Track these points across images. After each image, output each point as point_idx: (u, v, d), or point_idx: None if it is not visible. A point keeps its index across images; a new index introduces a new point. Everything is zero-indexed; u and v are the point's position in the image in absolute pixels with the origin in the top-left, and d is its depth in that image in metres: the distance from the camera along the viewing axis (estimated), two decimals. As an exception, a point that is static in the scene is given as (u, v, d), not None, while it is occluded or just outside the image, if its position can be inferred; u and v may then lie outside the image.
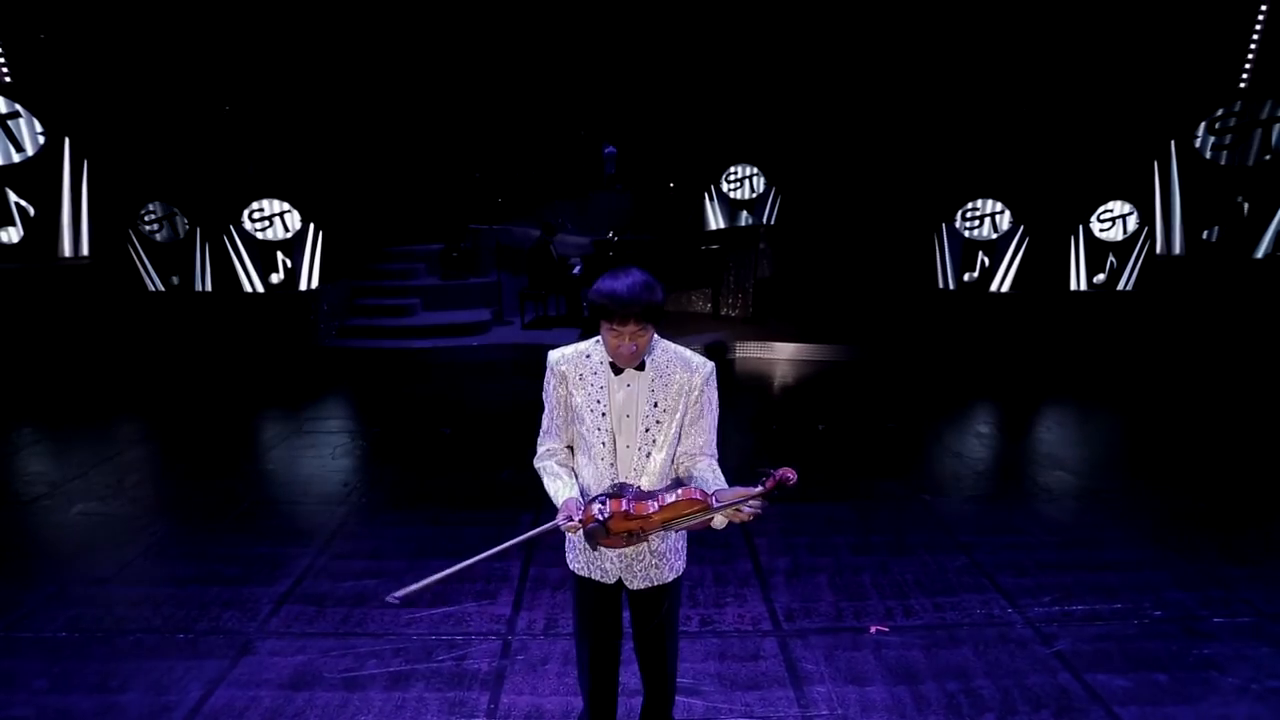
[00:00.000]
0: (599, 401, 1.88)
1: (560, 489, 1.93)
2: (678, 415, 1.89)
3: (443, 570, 1.78)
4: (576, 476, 1.97)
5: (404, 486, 4.75)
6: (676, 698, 2.67)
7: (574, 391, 1.91)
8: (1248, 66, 8.71)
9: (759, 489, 1.64)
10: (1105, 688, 2.77)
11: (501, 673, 2.86)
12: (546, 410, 1.99)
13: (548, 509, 1.86)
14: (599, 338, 1.90)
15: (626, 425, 1.88)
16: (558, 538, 1.97)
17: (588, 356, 1.91)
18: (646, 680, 2.19)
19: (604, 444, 1.89)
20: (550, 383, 1.95)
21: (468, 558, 1.81)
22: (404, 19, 10.16)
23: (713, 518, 1.72)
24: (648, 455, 1.88)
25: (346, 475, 4.91)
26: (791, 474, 1.61)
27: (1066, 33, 8.98)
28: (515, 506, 4.30)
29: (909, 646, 3.03)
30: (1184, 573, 3.62)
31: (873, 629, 3.15)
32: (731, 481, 1.86)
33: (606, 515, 1.72)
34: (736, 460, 5.12)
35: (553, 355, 1.96)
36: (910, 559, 3.77)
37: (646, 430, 1.87)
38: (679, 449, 1.93)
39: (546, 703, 2.70)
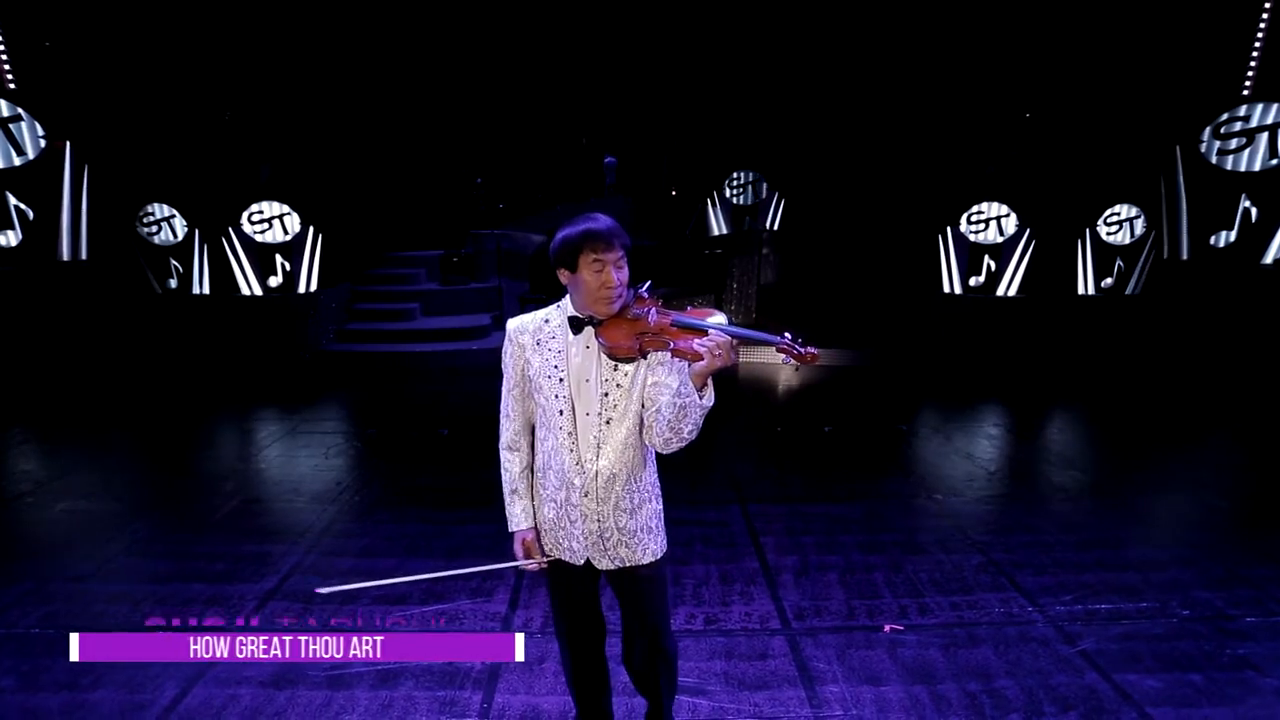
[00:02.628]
0: (556, 367, 1.78)
1: (516, 512, 1.88)
2: (640, 379, 1.77)
3: (385, 580, 1.67)
4: (534, 462, 1.89)
5: (398, 486, 4.61)
6: (681, 698, 2.52)
7: (531, 359, 1.80)
8: (1251, 71, 8.67)
9: (783, 339, 1.59)
10: (1136, 688, 2.61)
11: (495, 671, 2.71)
12: (504, 385, 1.88)
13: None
14: (560, 303, 1.83)
15: (585, 390, 1.76)
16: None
17: (546, 321, 1.82)
18: (634, 680, 2.01)
19: (561, 412, 1.77)
20: (507, 351, 1.85)
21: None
22: (406, 24, 10.20)
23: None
24: (608, 422, 1.76)
25: (340, 475, 4.78)
26: (816, 352, 1.61)
27: (1071, 38, 8.96)
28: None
29: (926, 646, 2.88)
30: (1210, 572, 3.46)
31: (887, 628, 3.00)
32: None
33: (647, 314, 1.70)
34: (739, 461, 5.04)
35: (511, 323, 1.86)
36: (924, 558, 3.62)
37: (606, 395, 1.76)
38: (655, 402, 1.76)
39: (543, 703, 2.55)
